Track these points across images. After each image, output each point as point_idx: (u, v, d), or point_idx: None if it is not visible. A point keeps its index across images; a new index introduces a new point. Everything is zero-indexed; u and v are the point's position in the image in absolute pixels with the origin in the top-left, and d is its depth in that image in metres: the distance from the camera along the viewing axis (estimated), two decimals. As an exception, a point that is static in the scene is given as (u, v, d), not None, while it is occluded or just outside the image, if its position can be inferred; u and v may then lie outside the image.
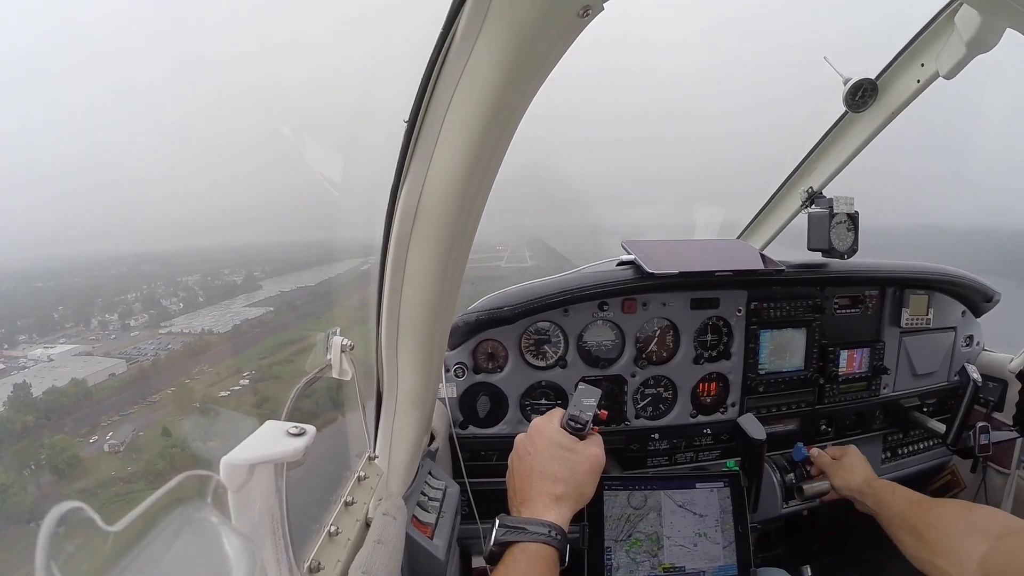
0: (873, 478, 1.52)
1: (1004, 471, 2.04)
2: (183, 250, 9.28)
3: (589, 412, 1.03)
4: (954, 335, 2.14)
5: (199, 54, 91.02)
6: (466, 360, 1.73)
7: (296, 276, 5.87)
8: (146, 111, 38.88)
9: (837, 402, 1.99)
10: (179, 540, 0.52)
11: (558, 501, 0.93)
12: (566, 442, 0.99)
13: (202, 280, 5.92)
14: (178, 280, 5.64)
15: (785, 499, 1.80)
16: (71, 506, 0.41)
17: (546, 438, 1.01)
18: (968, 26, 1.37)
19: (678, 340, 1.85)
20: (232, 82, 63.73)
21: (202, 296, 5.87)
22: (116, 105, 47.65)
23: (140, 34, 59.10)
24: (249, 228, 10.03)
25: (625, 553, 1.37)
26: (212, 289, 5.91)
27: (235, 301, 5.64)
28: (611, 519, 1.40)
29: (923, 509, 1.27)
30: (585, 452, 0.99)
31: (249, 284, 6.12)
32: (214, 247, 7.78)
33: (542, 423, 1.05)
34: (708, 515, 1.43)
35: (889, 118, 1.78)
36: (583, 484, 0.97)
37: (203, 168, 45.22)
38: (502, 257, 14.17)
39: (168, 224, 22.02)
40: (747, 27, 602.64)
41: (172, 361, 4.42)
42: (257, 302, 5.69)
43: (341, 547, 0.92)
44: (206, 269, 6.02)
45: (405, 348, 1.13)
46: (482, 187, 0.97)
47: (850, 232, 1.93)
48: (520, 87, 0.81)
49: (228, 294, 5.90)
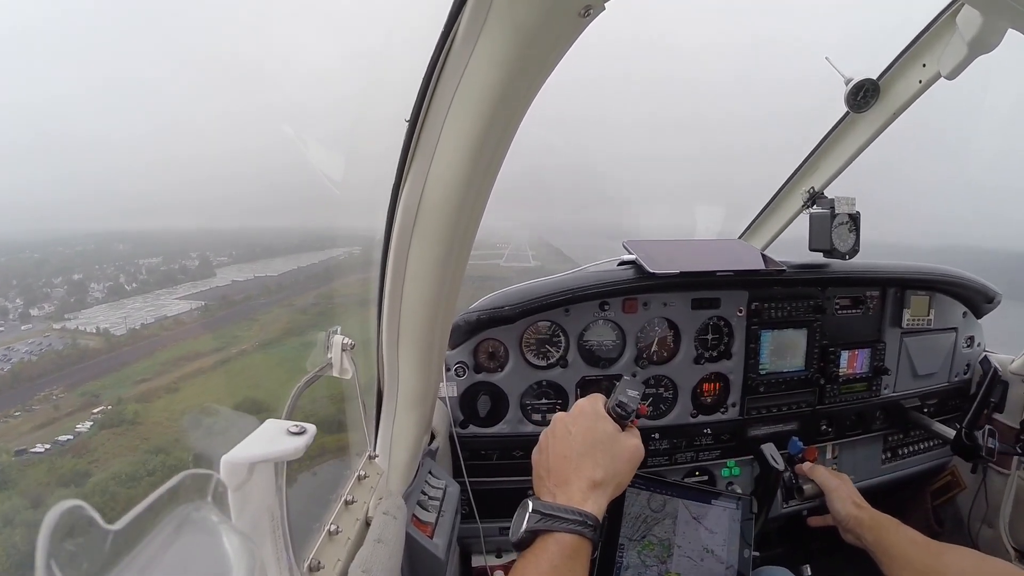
0: (875, 512, 1.43)
1: (1004, 472, 2.04)
2: (169, 230, 9.22)
3: (634, 403, 1.00)
4: (955, 336, 2.14)
5: (196, 51, 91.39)
6: (467, 359, 1.73)
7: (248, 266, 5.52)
8: (144, 108, 38.95)
9: (837, 402, 1.99)
10: (179, 539, 0.52)
11: (596, 488, 0.88)
12: (610, 428, 0.95)
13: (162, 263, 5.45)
14: (140, 263, 5.20)
15: (785, 499, 1.80)
16: (71, 505, 0.41)
17: (591, 420, 0.96)
18: (970, 27, 1.37)
19: (679, 340, 1.85)
20: (234, 82, 64.07)
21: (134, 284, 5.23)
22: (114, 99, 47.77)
23: (133, 27, 59.30)
24: (245, 220, 10.06)
25: (636, 554, 1.36)
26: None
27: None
28: (629, 517, 1.38)
29: (932, 553, 1.20)
30: (629, 441, 0.95)
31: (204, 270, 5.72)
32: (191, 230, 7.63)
33: (587, 404, 1.00)
34: (718, 533, 1.42)
35: (891, 119, 1.78)
36: (622, 473, 0.92)
37: (199, 166, 45.34)
38: (501, 255, 13.96)
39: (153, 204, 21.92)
40: (746, 26, 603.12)
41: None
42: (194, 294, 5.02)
43: (341, 546, 0.92)
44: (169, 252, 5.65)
45: (406, 347, 1.14)
46: (483, 187, 0.97)
47: (851, 233, 1.93)
48: (521, 87, 0.81)
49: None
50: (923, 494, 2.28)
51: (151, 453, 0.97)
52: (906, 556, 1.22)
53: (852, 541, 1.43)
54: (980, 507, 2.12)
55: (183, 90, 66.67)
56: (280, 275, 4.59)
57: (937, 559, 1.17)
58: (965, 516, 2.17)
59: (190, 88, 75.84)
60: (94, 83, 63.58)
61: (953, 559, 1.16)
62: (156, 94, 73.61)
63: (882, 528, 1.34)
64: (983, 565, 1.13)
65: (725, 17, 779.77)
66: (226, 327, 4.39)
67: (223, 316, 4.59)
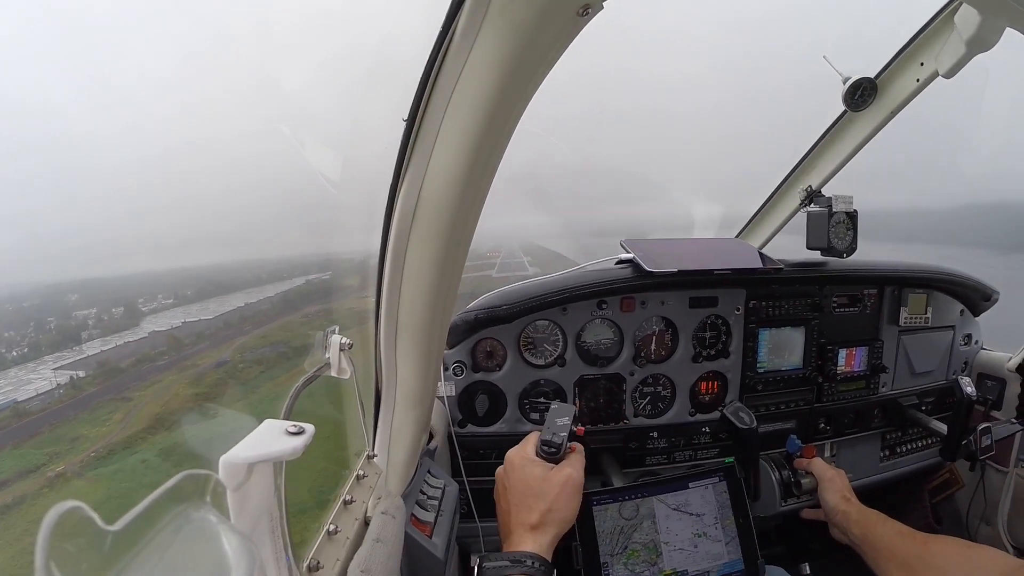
0: (863, 507, 1.44)
1: (1003, 469, 2.05)
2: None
3: (563, 432, 1.04)
4: (953, 334, 2.15)
5: (193, 49, 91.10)
6: (465, 359, 1.73)
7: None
8: (143, 105, 38.76)
9: (835, 400, 1.99)
10: (178, 539, 0.52)
11: (535, 531, 0.94)
12: (537, 471, 1.01)
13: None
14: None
15: (784, 497, 1.80)
16: (71, 506, 0.41)
17: (518, 470, 1.02)
18: (968, 25, 1.37)
19: (677, 339, 1.85)
20: (230, 78, 63.87)
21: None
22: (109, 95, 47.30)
23: (128, 25, 58.81)
24: (254, 246, 9.96)
25: (624, 566, 1.35)
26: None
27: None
28: (603, 534, 1.38)
29: (917, 543, 1.21)
30: (557, 477, 1.00)
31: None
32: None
33: (514, 454, 1.06)
34: (706, 514, 1.42)
35: (888, 117, 1.78)
36: (561, 509, 0.97)
37: (195, 163, 45.07)
38: (493, 265, 13.69)
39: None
40: (747, 27, 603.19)
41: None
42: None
43: (340, 546, 0.92)
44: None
45: (404, 346, 1.14)
46: (481, 186, 0.97)
47: (849, 231, 1.93)
48: (519, 85, 0.81)
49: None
50: (921, 492, 2.28)
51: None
52: (892, 547, 1.23)
53: (838, 537, 1.43)
54: (978, 504, 2.13)
55: (182, 90, 65.53)
56: (223, 314, 3.77)
57: (923, 548, 1.18)
58: (963, 513, 2.18)
59: (190, 89, 74.82)
60: (88, 84, 62.80)
61: (939, 547, 1.16)
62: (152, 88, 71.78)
63: (868, 522, 1.34)
64: (968, 551, 1.14)
65: (725, 17, 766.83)
66: (67, 423, 2.95)
67: (83, 399, 3.22)
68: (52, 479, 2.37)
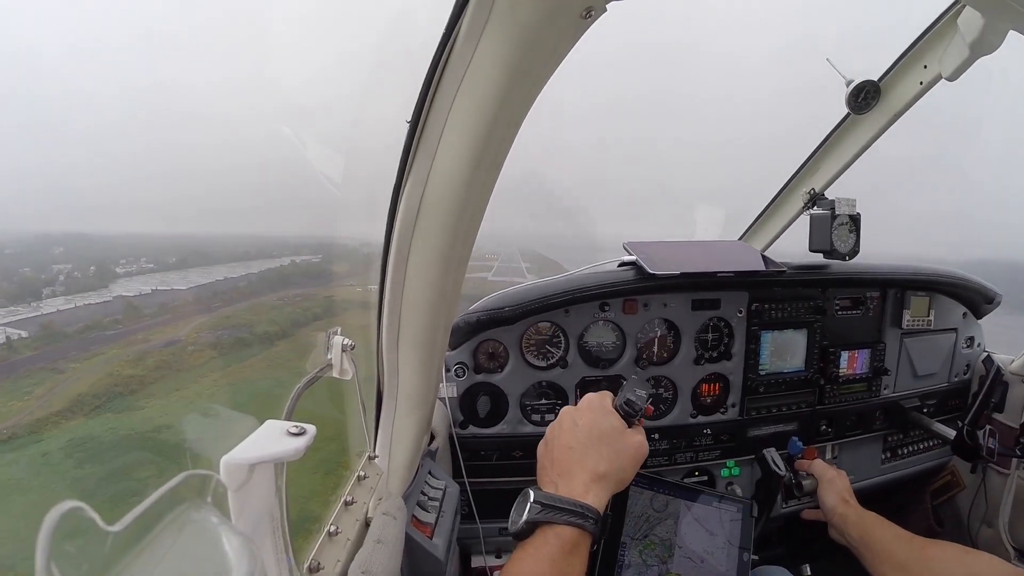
0: (862, 509, 1.44)
1: (1004, 471, 2.04)
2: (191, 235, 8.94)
3: (643, 402, 1.01)
4: (955, 336, 2.15)
5: (195, 50, 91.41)
6: (467, 360, 1.73)
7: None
8: (144, 105, 38.92)
9: (837, 403, 1.99)
10: (179, 540, 0.52)
11: (599, 481, 0.88)
12: (617, 423, 0.96)
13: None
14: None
15: (785, 499, 1.80)
16: (71, 506, 0.41)
17: (598, 413, 0.97)
18: (971, 28, 1.37)
19: (679, 341, 1.85)
20: (239, 80, 63.96)
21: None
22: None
23: (125, 31, 58.97)
24: (248, 222, 9.99)
25: (638, 553, 1.36)
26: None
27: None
28: (632, 515, 1.39)
29: (915, 547, 1.21)
30: (634, 438, 0.96)
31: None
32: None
33: (595, 398, 1.01)
34: (719, 535, 1.42)
35: (891, 120, 1.78)
36: (625, 469, 0.93)
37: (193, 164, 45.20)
38: (491, 268, 13.71)
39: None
40: (747, 28, 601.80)
41: None
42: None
43: (341, 547, 0.92)
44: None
45: (406, 348, 1.13)
46: (484, 188, 0.97)
47: (852, 234, 1.93)
48: (523, 88, 0.81)
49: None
50: (923, 494, 2.28)
51: None
52: (889, 550, 1.23)
53: (836, 538, 1.43)
54: (980, 507, 2.12)
55: (184, 87, 65.80)
56: (198, 286, 3.58)
57: (921, 552, 1.18)
58: (965, 516, 2.17)
59: (189, 87, 75.05)
60: (86, 83, 62.46)
61: (935, 552, 1.16)
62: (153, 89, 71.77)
63: (866, 525, 1.34)
64: (965, 557, 1.13)
65: (726, 17, 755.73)
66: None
67: (12, 364, 3.15)
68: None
